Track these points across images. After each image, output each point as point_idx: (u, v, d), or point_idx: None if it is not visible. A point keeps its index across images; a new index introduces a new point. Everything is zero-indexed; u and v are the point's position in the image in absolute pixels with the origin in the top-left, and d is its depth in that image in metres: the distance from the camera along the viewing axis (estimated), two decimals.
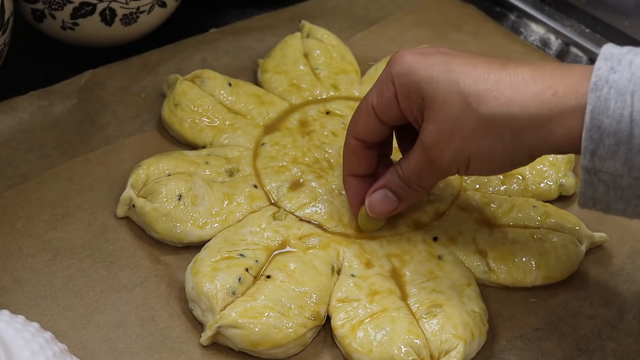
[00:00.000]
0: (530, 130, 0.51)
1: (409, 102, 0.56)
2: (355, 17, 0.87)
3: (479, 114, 0.52)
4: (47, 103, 0.74)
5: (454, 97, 0.53)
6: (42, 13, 0.75)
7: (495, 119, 0.52)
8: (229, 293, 0.59)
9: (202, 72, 0.74)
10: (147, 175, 0.65)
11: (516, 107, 0.51)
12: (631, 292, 0.64)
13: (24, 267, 0.62)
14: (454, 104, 0.53)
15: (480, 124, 0.52)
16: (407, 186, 0.60)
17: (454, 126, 0.53)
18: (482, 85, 0.52)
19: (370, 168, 0.62)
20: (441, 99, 0.53)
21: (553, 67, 0.52)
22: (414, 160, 0.57)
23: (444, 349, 0.57)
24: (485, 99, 0.52)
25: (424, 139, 0.55)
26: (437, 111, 0.54)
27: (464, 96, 0.52)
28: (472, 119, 0.52)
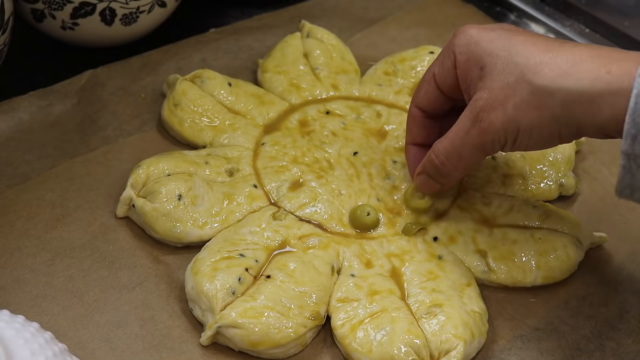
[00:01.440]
0: (581, 105, 0.52)
1: (467, 70, 0.57)
2: (355, 17, 0.87)
3: (533, 83, 0.53)
4: (47, 103, 0.74)
5: (511, 68, 0.54)
6: (42, 13, 0.75)
7: (549, 90, 0.52)
8: (229, 293, 0.59)
9: (202, 72, 0.74)
10: (147, 175, 0.65)
11: (570, 80, 0.52)
12: (631, 292, 0.64)
13: (24, 267, 0.62)
14: (510, 74, 0.54)
15: (534, 93, 0.53)
16: (440, 174, 0.61)
17: (507, 94, 0.54)
18: (539, 58, 0.53)
19: (430, 138, 0.63)
20: (499, 68, 0.55)
21: (610, 50, 0.53)
22: (458, 132, 0.58)
23: (444, 349, 0.57)
24: (541, 70, 0.53)
25: (475, 106, 0.56)
26: (493, 79, 0.55)
27: (521, 67, 0.54)
28: (526, 88, 0.53)
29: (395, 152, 0.70)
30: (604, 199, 0.71)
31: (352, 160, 0.70)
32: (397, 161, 0.70)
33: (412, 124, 0.64)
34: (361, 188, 0.68)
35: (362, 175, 0.69)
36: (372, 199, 0.67)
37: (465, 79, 0.58)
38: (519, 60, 0.54)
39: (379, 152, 0.70)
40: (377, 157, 0.70)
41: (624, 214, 0.69)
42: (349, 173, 0.69)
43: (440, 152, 0.60)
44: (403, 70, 0.77)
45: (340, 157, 0.70)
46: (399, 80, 0.77)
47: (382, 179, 0.68)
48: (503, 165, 0.70)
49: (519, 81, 0.54)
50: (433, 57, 0.78)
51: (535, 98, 0.53)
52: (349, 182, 0.68)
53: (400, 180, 0.68)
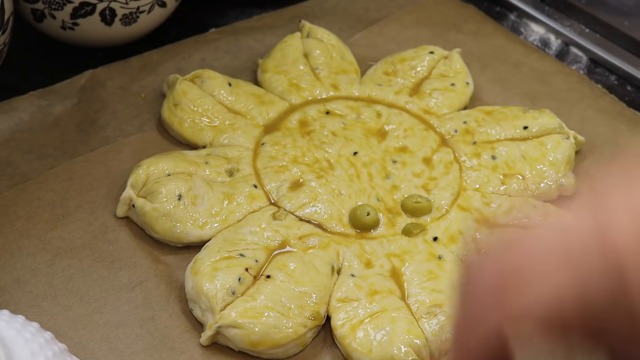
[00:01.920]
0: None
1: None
2: (355, 17, 0.87)
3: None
4: (47, 103, 0.74)
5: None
6: (42, 13, 0.75)
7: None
8: (229, 293, 0.59)
9: (202, 72, 0.74)
10: (147, 175, 0.65)
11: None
12: None
13: (24, 267, 0.62)
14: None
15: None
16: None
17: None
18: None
19: None
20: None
21: None
22: None
23: (444, 349, 0.57)
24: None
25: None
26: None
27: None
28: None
29: (395, 152, 0.70)
30: None
31: (352, 160, 0.70)
32: (397, 161, 0.70)
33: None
34: (361, 188, 0.68)
35: (362, 175, 0.69)
36: (372, 199, 0.67)
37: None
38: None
39: (379, 152, 0.70)
40: (377, 157, 0.70)
41: None
42: (349, 173, 0.69)
43: None
44: (403, 70, 0.77)
45: (340, 157, 0.70)
46: (399, 80, 0.77)
47: (382, 179, 0.69)
48: (503, 165, 0.70)
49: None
50: (433, 57, 0.78)
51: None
52: (349, 182, 0.68)
53: (400, 180, 0.68)
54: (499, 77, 0.81)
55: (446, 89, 0.76)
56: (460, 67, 0.78)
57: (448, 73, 0.78)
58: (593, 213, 0.35)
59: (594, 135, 0.75)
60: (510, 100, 0.78)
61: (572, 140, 0.72)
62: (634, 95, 0.82)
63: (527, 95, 0.79)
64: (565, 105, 0.78)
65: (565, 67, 0.83)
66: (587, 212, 0.35)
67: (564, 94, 0.79)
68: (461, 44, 0.83)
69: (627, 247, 0.34)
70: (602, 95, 0.79)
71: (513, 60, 0.83)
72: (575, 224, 0.35)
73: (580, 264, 0.34)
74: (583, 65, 0.85)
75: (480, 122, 0.73)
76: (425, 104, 0.75)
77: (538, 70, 0.82)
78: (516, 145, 0.71)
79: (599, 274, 0.34)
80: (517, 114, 0.73)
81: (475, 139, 0.71)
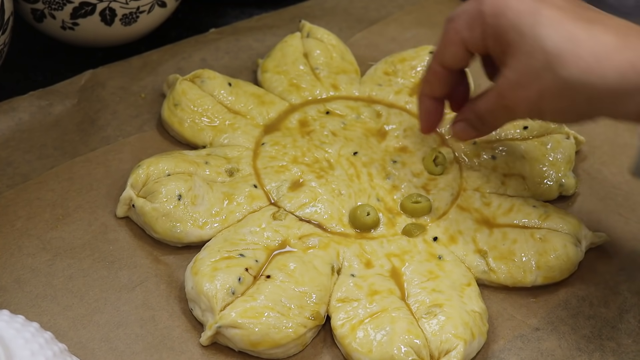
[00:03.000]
0: (605, 100, 0.53)
1: (495, 42, 0.57)
2: (355, 17, 0.87)
3: (558, 75, 0.53)
4: (47, 103, 0.74)
5: (537, 52, 0.54)
6: (42, 13, 0.75)
7: (574, 84, 0.53)
8: (229, 293, 0.59)
9: (202, 72, 0.74)
10: (147, 175, 0.65)
11: (595, 77, 0.52)
12: (631, 292, 0.64)
13: (24, 267, 0.62)
14: (536, 60, 0.54)
15: (559, 85, 0.53)
16: (481, 123, 0.62)
17: (533, 80, 0.54)
18: (565, 45, 0.53)
19: (447, 91, 0.64)
20: (524, 50, 0.54)
21: (636, 33, 0.53)
22: (490, 101, 0.59)
23: (444, 349, 0.57)
24: (566, 62, 0.52)
25: (501, 85, 0.57)
26: (519, 61, 0.55)
27: (547, 54, 0.53)
28: (552, 78, 0.53)
29: (395, 152, 0.70)
30: (604, 199, 0.71)
31: (352, 160, 0.70)
32: (397, 161, 0.70)
33: (433, 79, 0.63)
34: (361, 188, 0.68)
35: (362, 175, 0.69)
36: (372, 199, 0.67)
37: (494, 49, 0.58)
38: (545, 45, 0.53)
39: (379, 152, 0.70)
40: (377, 157, 0.70)
41: (623, 214, 0.69)
42: (349, 173, 0.69)
43: (482, 110, 0.61)
44: (403, 70, 0.77)
45: (340, 157, 0.70)
46: (399, 80, 0.77)
47: (382, 179, 0.69)
48: (503, 165, 0.70)
49: (544, 69, 0.53)
50: None
51: (560, 89, 0.54)
52: (349, 182, 0.68)
53: (400, 180, 0.68)
54: None
55: None
56: None
57: None
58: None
59: (594, 135, 0.75)
60: None
61: (572, 140, 0.72)
62: None
63: None
64: None
65: None
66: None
67: None
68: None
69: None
70: None
71: None
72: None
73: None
74: None
75: None
76: None
77: None
78: (516, 145, 0.71)
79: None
80: None
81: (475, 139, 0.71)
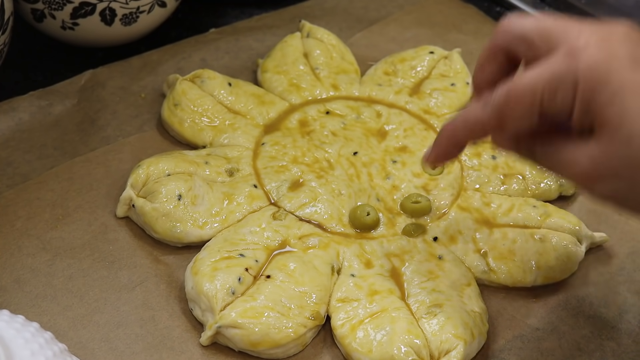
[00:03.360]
0: None
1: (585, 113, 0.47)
2: (355, 17, 0.87)
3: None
4: (47, 103, 0.74)
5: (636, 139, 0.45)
6: (42, 13, 0.75)
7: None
8: (229, 293, 0.59)
9: (202, 72, 0.74)
10: (146, 175, 0.65)
11: None
12: (631, 292, 0.64)
13: (24, 267, 0.62)
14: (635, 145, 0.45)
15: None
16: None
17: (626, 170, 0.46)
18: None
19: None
20: (627, 134, 0.45)
21: None
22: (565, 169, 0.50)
23: (444, 349, 0.57)
24: None
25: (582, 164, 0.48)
26: (614, 143, 0.46)
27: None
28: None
29: (395, 152, 0.70)
30: None
31: (352, 160, 0.70)
32: (397, 161, 0.70)
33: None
34: (361, 188, 0.68)
35: (362, 175, 0.69)
36: (372, 199, 0.67)
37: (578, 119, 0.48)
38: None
39: (379, 152, 0.70)
40: (377, 157, 0.70)
41: (623, 214, 0.69)
42: (349, 173, 0.69)
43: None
44: (403, 70, 0.77)
45: (340, 157, 0.70)
46: (399, 80, 0.77)
47: (382, 179, 0.69)
48: (503, 165, 0.70)
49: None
50: (433, 57, 0.78)
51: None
52: (349, 182, 0.68)
53: (400, 180, 0.68)
54: None
55: (446, 89, 0.76)
56: (460, 67, 0.78)
57: (448, 73, 0.78)
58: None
59: None
60: None
61: None
62: None
63: None
64: None
65: None
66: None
67: None
68: (461, 44, 0.83)
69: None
70: None
71: None
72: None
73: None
74: None
75: None
76: (425, 104, 0.75)
77: None
78: None
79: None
80: None
81: None
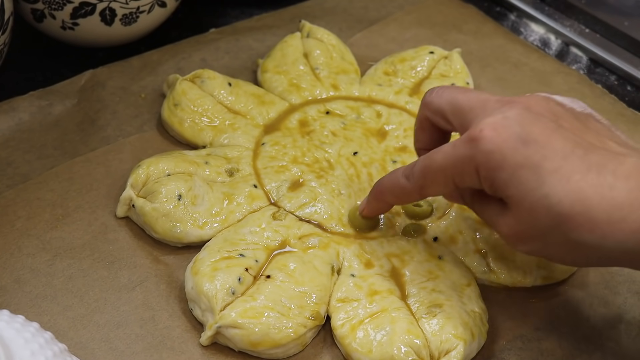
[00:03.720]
0: (622, 259, 0.50)
1: (493, 191, 0.52)
2: (355, 17, 0.87)
3: (569, 238, 0.49)
4: (47, 103, 0.74)
5: (543, 212, 0.49)
6: (42, 13, 0.75)
7: (586, 246, 0.49)
8: (229, 293, 0.59)
9: (202, 72, 0.74)
10: (146, 175, 0.65)
11: (611, 241, 0.48)
12: (631, 292, 0.64)
13: (24, 267, 0.62)
14: (543, 218, 0.50)
15: (569, 245, 0.50)
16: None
17: (538, 235, 0.51)
18: (574, 208, 0.48)
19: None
20: (528, 207, 0.50)
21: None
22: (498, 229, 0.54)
23: (444, 349, 0.57)
24: (578, 226, 0.49)
25: (503, 230, 0.53)
26: (521, 214, 0.51)
27: (555, 216, 0.49)
28: (561, 238, 0.50)
29: (395, 152, 0.70)
30: None
31: (352, 160, 0.70)
32: (397, 161, 0.70)
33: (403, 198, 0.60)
34: (361, 188, 0.68)
35: (362, 175, 0.69)
36: None
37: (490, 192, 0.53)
38: (553, 207, 0.49)
39: (379, 152, 0.70)
40: (377, 157, 0.70)
41: None
42: (349, 173, 0.69)
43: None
44: (403, 70, 0.77)
45: (340, 157, 0.70)
46: (399, 80, 0.77)
47: None
48: None
49: (552, 228, 0.49)
50: (433, 57, 0.78)
51: (569, 248, 0.50)
52: (349, 182, 0.68)
53: None
54: (499, 77, 0.81)
55: None
56: (460, 67, 0.78)
57: (448, 73, 0.78)
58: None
59: None
60: None
61: None
62: (634, 95, 0.82)
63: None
64: None
65: (565, 67, 0.83)
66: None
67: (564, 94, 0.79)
68: (461, 44, 0.83)
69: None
70: (602, 95, 0.79)
71: (513, 60, 0.83)
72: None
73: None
74: (583, 65, 0.85)
75: None
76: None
77: (538, 70, 0.82)
78: None
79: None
80: None
81: None
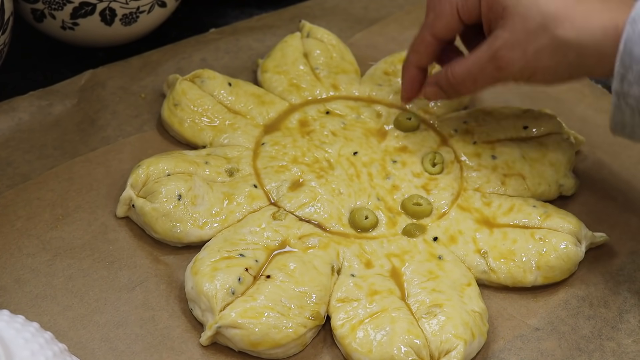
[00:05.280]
0: (593, 56, 0.58)
1: (490, 7, 0.62)
2: (355, 17, 0.87)
3: (554, 35, 0.58)
4: (47, 103, 0.74)
5: (533, 14, 0.59)
6: (42, 13, 0.75)
7: (567, 42, 0.58)
8: (229, 293, 0.59)
9: (202, 72, 0.74)
10: (146, 175, 0.65)
11: (585, 34, 0.57)
12: (631, 292, 0.64)
13: (24, 267, 0.62)
14: (533, 21, 0.59)
15: (554, 44, 0.58)
16: (454, 90, 0.66)
17: (528, 39, 0.59)
18: (560, 10, 0.58)
19: (433, 60, 0.69)
20: (521, 12, 0.59)
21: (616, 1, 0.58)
22: (475, 62, 0.63)
23: (444, 349, 0.57)
24: (562, 23, 0.58)
25: (495, 44, 0.61)
26: (515, 22, 0.60)
27: (543, 15, 0.58)
28: (548, 37, 0.58)
29: (395, 152, 0.70)
30: (604, 199, 0.71)
31: (352, 160, 0.70)
32: (397, 161, 0.70)
33: (423, 50, 0.68)
34: (361, 188, 0.68)
35: (362, 175, 0.69)
36: (372, 198, 0.67)
37: (487, 15, 0.62)
38: (542, 7, 0.58)
39: (379, 152, 0.70)
40: (377, 157, 0.70)
41: (624, 214, 0.69)
42: (349, 173, 0.69)
43: (458, 75, 0.65)
44: None
45: (340, 157, 0.70)
46: (399, 80, 0.76)
47: (382, 178, 0.69)
48: (503, 165, 0.70)
49: (540, 29, 0.58)
50: None
51: (555, 47, 0.58)
52: (349, 182, 0.68)
53: (400, 180, 0.68)
54: None
55: None
56: None
57: None
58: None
59: (594, 135, 0.75)
60: (510, 100, 0.78)
61: (572, 141, 0.72)
62: None
63: (527, 95, 0.79)
64: (565, 105, 0.78)
65: None
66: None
67: (564, 94, 0.79)
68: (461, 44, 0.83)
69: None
70: (602, 95, 0.79)
71: None
72: None
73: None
74: None
75: (481, 122, 0.73)
76: (425, 104, 0.75)
77: None
78: (516, 145, 0.71)
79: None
80: (517, 114, 0.73)
81: (476, 138, 0.71)
